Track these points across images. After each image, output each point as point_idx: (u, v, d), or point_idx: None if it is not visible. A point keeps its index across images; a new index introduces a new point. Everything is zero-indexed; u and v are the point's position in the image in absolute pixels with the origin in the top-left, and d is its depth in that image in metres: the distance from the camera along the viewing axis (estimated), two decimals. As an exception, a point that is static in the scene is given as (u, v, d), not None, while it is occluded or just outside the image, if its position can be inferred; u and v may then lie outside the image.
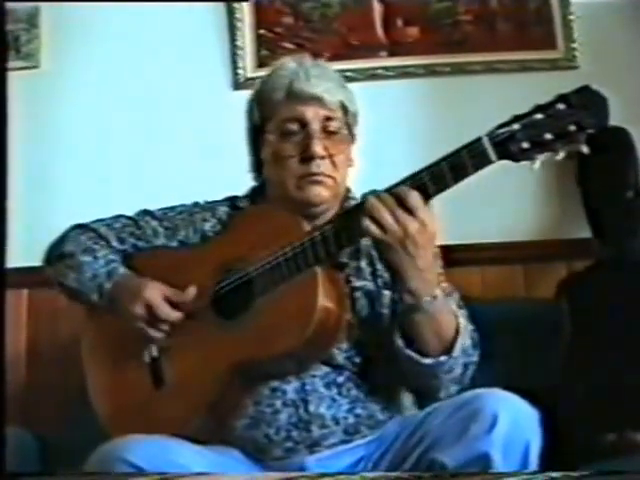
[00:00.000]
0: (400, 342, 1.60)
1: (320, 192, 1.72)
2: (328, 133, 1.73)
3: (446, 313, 1.60)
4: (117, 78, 2.55)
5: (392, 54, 2.55)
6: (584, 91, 1.46)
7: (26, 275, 2.18)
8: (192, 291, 1.68)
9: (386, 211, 1.52)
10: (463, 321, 1.64)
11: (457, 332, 1.60)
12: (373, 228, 1.52)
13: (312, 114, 1.72)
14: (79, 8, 2.53)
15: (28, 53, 2.57)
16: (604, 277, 2.19)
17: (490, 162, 1.48)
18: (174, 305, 1.67)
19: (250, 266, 1.64)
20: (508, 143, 1.47)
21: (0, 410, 1.54)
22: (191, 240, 1.80)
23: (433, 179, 1.51)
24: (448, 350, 1.59)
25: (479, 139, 1.49)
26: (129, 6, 2.51)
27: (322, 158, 1.71)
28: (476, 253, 2.40)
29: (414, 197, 1.51)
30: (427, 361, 1.59)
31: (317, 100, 1.72)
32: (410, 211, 1.51)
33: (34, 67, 2.57)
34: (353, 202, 1.75)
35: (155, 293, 1.68)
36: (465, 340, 1.62)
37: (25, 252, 1.95)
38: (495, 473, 1.43)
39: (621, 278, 2.18)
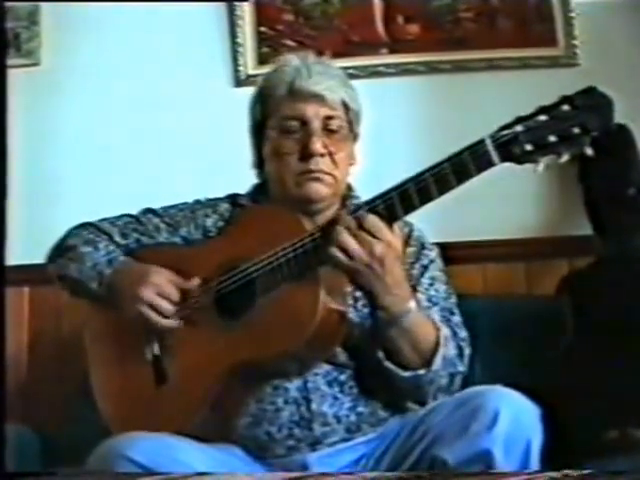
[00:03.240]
0: (380, 354, 1.61)
1: (319, 189, 1.72)
2: (329, 131, 1.73)
3: (423, 325, 1.60)
4: (117, 76, 2.54)
5: (393, 51, 2.55)
6: (589, 92, 1.45)
7: (27, 272, 2.18)
8: (196, 281, 1.68)
9: (350, 237, 1.52)
10: (446, 331, 1.64)
11: (437, 344, 1.60)
12: (339, 255, 1.52)
13: (313, 112, 1.72)
14: (79, 5, 2.53)
15: (28, 51, 2.57)
16: (606, 274, 2.19)
17: (492, 165, 1.47)
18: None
19: (252, 266, 1.63)
20: (511, 145, 1.46)
21: (1, 408, 1.54)
22: (193, 236, 1.80)
23: (436, 181, 1.50)
24: (428, 363, 1.59)
25: (482, 141, 1.47)
26: (129, 4, 2.50)
27: (321, 156, 1.71)
28: (477, 250, 2.40)
29: (373, 221, 1.52)
30: (406, 374, 1.59)
31: (318, 98, 1.72)
32: (372, 234, 1.51)
33: (34, 65, 2.56)
34: (355, 200, 1.75)
35: (162, 276, 1.67)
36: (448, 351, 1.62)
37: (26, 249, 1.95)
38: (495, 473, 1.43)
39: (623, 275, 2.17)
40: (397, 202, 1.53)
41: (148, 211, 1.84)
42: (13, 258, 1.61)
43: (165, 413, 1.65)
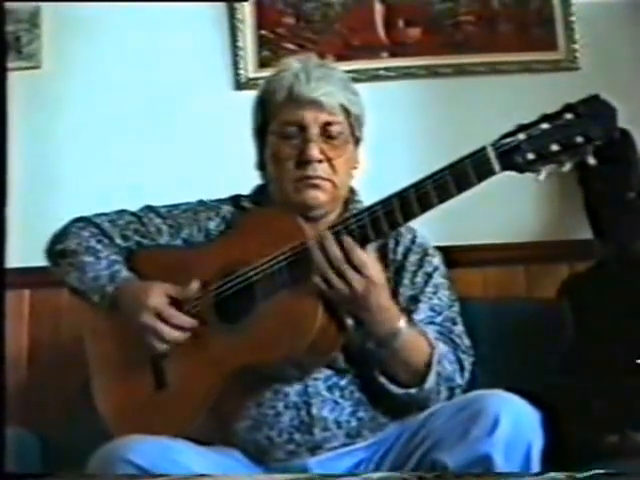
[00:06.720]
0: (375, 371, 1.62)
1: (317, 196, 1.71)
2: (328, 137, 1.72)
3: (414, 344, 1.60)
4: (118, 79, 2.55)
5: (393, 55, 2.55)
6: (592, 100, 1.44)
7: (27, 275, 2.18)
8: (195, 286, 1.67)
9: (331, 270, 1.53)
10: (442, 348, 1.64)
11: (430, 363, 1.60)
12: (321, 284, 1.54)
13: (311, 118, 1.71)
14: (80, 8, 2.53)
15: (29, 53, 2.57)
16: (605, 278, 2.19)
17: (493, 173, 1.47)
18: (178, 303, 1.67)
19: (252, 270, 1.63)
20: (513, 154, 1.45)
21: (1, 411, 1.54)
22: (195, 238, 1.79)
23: (436, 189, 1.50)
24: (421, 381, 1.60)
25: (483, 149, 1.47)
26: (130, 6, 2.50)
27: (319, 162, 1.70)
28: (478, 254, 2.40)
29: (360, 255, 1.53)
30: (398, 391, 1.60)
31: (316, 104, 1.71)
32: (356, 268, 1.52)
33: (35, 67, 2.57)
34: (358, 204, 1.76)
35: (160, 299, 1.66)
36: (443, 369, 1.62)
37: (26, 252, 1.94)
38: (500, 473, 1.43)
39: (622, 279, 2.17)
40: (397, 209, 1.53)
41: (150, 209, 1.84)
42: (13, 261, 1.61)
43: (165, 417, 1.65)
